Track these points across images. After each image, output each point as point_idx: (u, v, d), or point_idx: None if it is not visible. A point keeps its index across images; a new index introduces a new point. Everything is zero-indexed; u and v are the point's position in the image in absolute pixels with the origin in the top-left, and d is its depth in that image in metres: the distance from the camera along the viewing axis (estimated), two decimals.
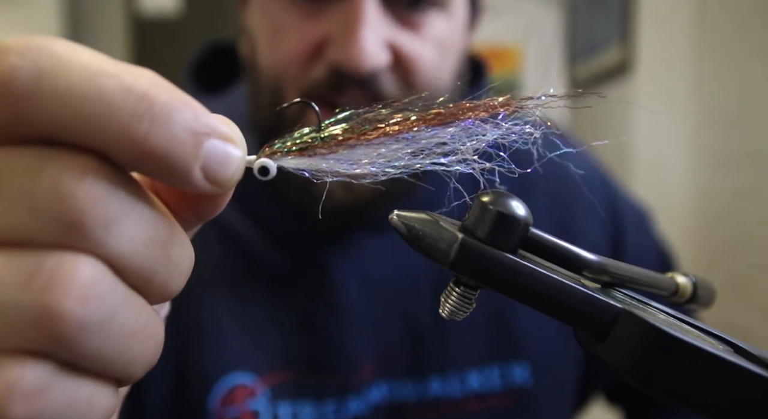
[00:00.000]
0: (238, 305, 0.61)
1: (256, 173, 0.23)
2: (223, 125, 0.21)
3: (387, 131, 0.24)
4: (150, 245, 0.20)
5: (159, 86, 0.19)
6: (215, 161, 0.20)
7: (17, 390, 0.18)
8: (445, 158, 0.24)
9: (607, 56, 2.25)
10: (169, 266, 0.21)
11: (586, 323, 0.23)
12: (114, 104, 0.18)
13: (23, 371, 0.18)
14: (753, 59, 1.64)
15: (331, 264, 0.62)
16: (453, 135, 0.24)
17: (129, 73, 0.19)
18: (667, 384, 0.22)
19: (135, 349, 0.20)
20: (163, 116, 0.19)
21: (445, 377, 0.62)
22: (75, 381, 0.19)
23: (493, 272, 0.23)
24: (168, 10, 2.37)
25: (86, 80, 0.18)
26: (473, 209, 0.23)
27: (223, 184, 0.21)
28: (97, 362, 0.19)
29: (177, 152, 0.19)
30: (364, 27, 0.51)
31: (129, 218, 0.19)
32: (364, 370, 0.61)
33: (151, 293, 0.21)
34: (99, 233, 0.19)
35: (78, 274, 0.18)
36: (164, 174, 0.20)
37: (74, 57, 0.19)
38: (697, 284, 0.30)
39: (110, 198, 0.19)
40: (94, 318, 0.19)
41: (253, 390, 0.59)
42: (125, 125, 0.18)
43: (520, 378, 0.63)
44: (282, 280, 0.62)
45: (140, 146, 0.19)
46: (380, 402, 0.61)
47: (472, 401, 0.62)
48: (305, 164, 0.24)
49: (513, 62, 2.77)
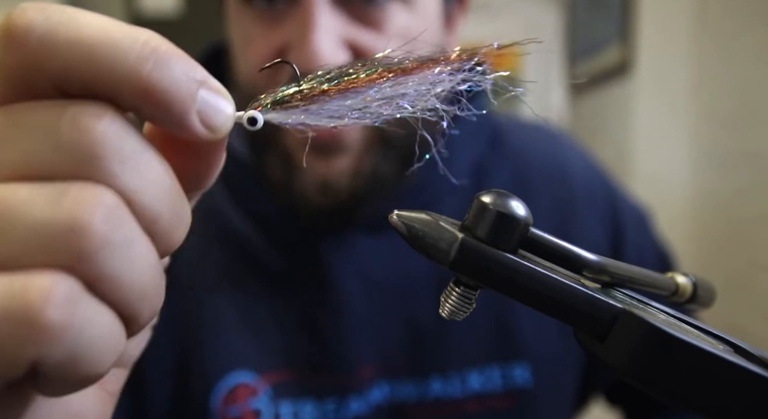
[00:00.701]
0: (239, 304, 0.62)
1: (245, 123, 0.25)
2: (214, 81, 0.23)
3: (358, 82, 0.26)
4: (158, 187, 0.22)
5: (160, 38, 0.22)
6: (209, 107, 0.22)
7: (53, 295, 0.19)
8: (409, 105, 0.26)
9: (607, 56, 2.25)
10: (172, 213, 0.22)
11: (586, 323, 0.23)
12: (121, 48, 0.21)
13: (57, 280, 0.20)
14: (753, 59, 1.64)
15: (331, 264, 0.62)
16: (415, 85, 0.26)
17: (135, 28, 0.22)
18: (667, 384, 0.22)
19: (146, 283, 0.21)
20: (165, 60, 0.21)
21: (445, 377, 0.62)
22: (96, 303, 0.21)
23: (493, 272, 0.23)
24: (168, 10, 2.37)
25: (96, 30, 0.21)
26: (473, 208, 0.23)
27: (217, 129, 0.23)
28: (115, 286, 0.21)
29: (177, 93, 0.21)
30: (317, 30, 0.52)
31: (141, 159, 0.21)
32: (365, 370, 0.61)
33: (156, 236, 0.22)
34: (116, 167, 0.21)
35: (100, 197, 0.20)
36: (165, 114, 0.22)
37: (87, 15, 0.21)
38: (697, 284, 0.30)
39: (125, 138, 0.21)
40: (115, 238, 0.20)
41: (255, 389, 0.59)
42: (131, 65, 0.21)
43: (521, 378, 0.63)
44: (282, 279, 0.63)
45: (145, 85, 0.21)
46: (381, 402, 0.62)
47: (473, 401, 0.62)
48: (288, 117, 0.26)
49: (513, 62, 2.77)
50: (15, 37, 0.21)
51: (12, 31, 0.21)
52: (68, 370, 0.20)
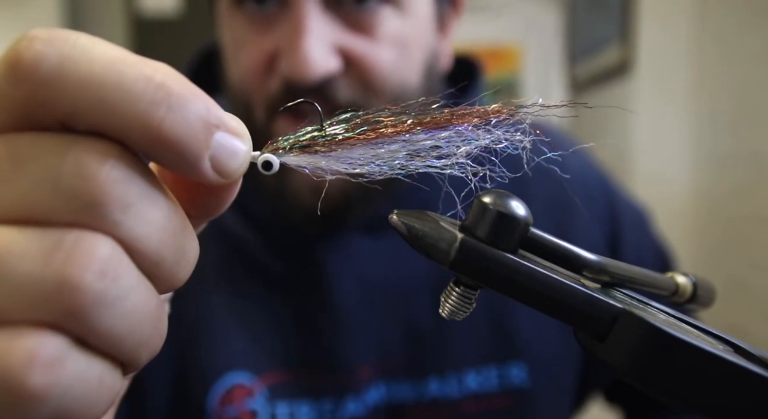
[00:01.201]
0: (235, 305, 0.61)
1: (260, 167, 0.24)
2: (232, 120, 0.22)
3: (384, 132, 0.25)
4: (163, 231, 0.21)
5: (176, 78, 0.20)
6: (224, 152, 0.21)
7: (36, 359, 0.19)
8: (438, 160, 0.25)
9: (607, 56, 2.25)
10: (177, 255, 0.22)
11: (586, 323, 0.23)
12: (133, 91, 0.19)
13: (42, 341, 0.19)
14: (753, 59, 1.64)
15: (328, 265, 0.62)
16: (447, 139, 0.25)
17: (148, 65, 0.20)
18: (667, 384, 0.22)
19: (143, 331, 0.21)
20: (179, 104, 0.20)
21: (443, 377, 0.62)
22: (87, 357, 0.20)
23: (493, 272, 0.23)
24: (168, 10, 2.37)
25: (107, 68, 0.19)
26: (473, 208, 0.23)
27: (230, 175, 0.22)
28: (108, 340, 0.20)
29: (190, 139, 0.20)
30: (307, 36, 0.52)
31: (145, 204, 0.20)
32: (362, 371, 0.61)
33: (159, 279, 0.21)
34: (117, 214, 0.20)
35: (97, 250, 0.19)
36: (176, 161, 0.21)
37: (97, 47, 0.20)
38: (697, 284, 0.30)
39: (129, 182, 0.20)
40: (110, 294, 0.19)
41: (251, 390, 0.59)
42: (143, 111, 0.19)
43: (518, 378, 0.63)
44: (279, 280, 0.62)
45: (156, 132, 0.20)
46: (378, 403, 0.61)
47: (470, 401, 0.62)
48: (306, 161, 0.25)
49: (513, 62, 2.77)
50: (21, 70, 0.19)
51: (18, 63, 0.19)
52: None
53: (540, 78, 2.77)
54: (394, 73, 0.56)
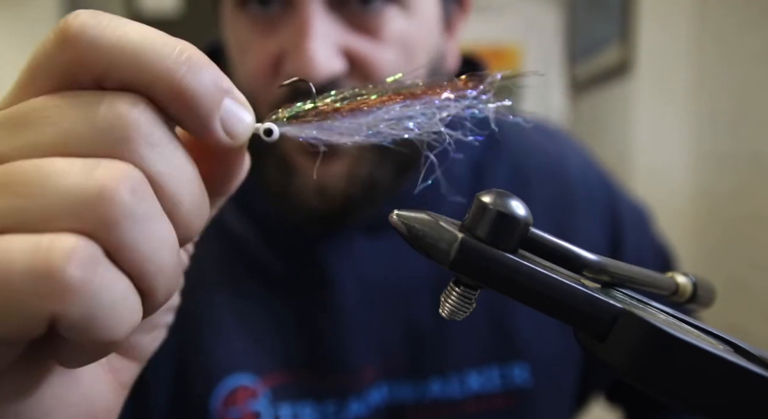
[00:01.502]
0: (237, 305, 0.61)
1: (262, 134, 0.27)
2: (238, 92, 0.25)
3: (369, 102, 0.28)
4: (182, 174, 0.24)
5: (196, 49, 0.24)
6: (232, 115, 0.25)
7: (75, 255, 0.21)
8: (416, 128, 0.28)
9: (607, 56, 2.25)
10: (193, 201, 0.24)
11: (586, 323, 0.23)
12: (161, 53, 0.23)
13: (80, 242, 0.21)
14: (753, 59, 1.64)
15: (330, 265, 0.62)
16: (423, 108, 0.28)
17: (173, 38, 0.24)
18: (667, 384, 0.22)
19: (165, 259, 0.23)
20: (197, 66, 0.23)
21: (445, 378, 0.62)
22: (115, 270, 0.22)
23: (493, 272, 0.23)
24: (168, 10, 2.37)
25: (140, 34, 0.23)
26: (473, 208, 0.23)
27: (237, 136, 0.25)
28: (134, 256, 0.22)
29: (204, 97, 0.24)
30: (312, 37, 0.51)
31: (168, 146, 0.23)
32: (365, 371, 0.61)
33: (177, 221, 0.24)
34: (145, 150, 0.23)
35: (129, 172, 0.22)
36: (192, 116, 0.24)
37: (133, 23, 0.24)
38: (697, 284, 0.30)
39: (155, 125, 0.23)
40: (139, 210, 0.22)
41: (255, 391, 0.59)
42: (167, 67, 0.23)
43: (520, 378, 0.63)
44: (281, 281, 0.62)
45: (177, 85, 0.23)
46: (380, 404, 0.61)
47: (472, 402, 0.62)
48: (301, 131, 0.28)
49: (513, 62, 2.78)
50: (68, 35, 0.23)
51: (66, 30, 0.23)
52: (85, 330, 0.21)
53: (540, 78, 2.76)
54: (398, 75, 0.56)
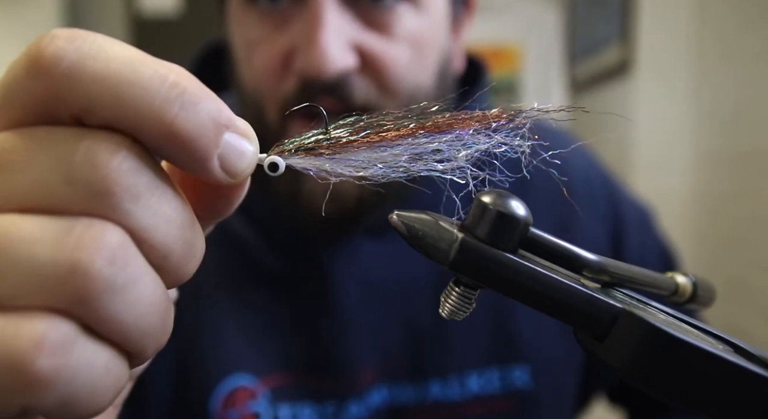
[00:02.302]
0: (237, 307, 0.61)
1: (266, 168, 0.25)
2: (241, 122, 0.23)
3: (387, 136, 0.25)
4: (171, 224, 0.22)
5: (190, 78, 0.21)
6: (232, 152, 0.22)
7: (44, 343, 0.19)
8: (439, 164, 0.25)
9: (607, 56, 2.25)
10: (185, 248, 0.22)
11: (586, 323, 0.23)
12: (148, 88, 0.20)
13: (51, 326, 0.19)
14: (753, 59, 1.64)
15: (330, 267, 0.61)
16: (448, 143, 0.25)
17: (163, 65, 0.21)
18: (667, 384, 0.22)
19: (150, 322, 0.21)
20: (191, 103, 0.21)
21: (445, 380, 0.62)
22: (95, 344, 0.20)
23: (493, 272, 0.23)
24: (168, 10, 2.37)
25: (124, 65, 0.20)
26: (473, 208, 0.23)
27: (237, 175, 0.23)
28: (115, 327, 0.20)
29: (200, 137, 0.21)
30: (324, 31, 0.51)
31: (154, 196, 0.21)
32: (365, 374, 0.61)
33: (167, 272, 0.22)
34: (127, 204, 0.20)
35: (106, 237, 0.20)
36: (186, 158, 0.21)
37: (115, 46, 0.21)
38: (697, 284, 0.30)
39: (139, 174, 0.21)
40: (118, 280, 0.20)
41: (254, 392, 0.59)
42: (157, 107, 0.20)
43: (520, 380, 0.63)
44: (281, 282, 0.62)
45: (168, 128, 0.20)
46: (380, 406, 0.61)
47: (472, 404, 0.62)
48: (311, 163, 0.25)
49: (513, 62, 2.77)
50: (41, 65, 0.20)
51: (39, 58, 0.20)
52: (64, 412, 0.20)
53: (540, 78, 2.77)
54: (410, 73, 0.56)
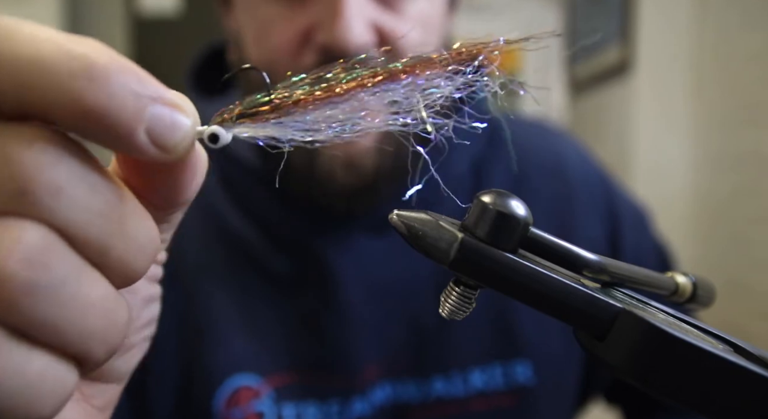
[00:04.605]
0: (241, 306, 0.61)
1: (206, 140, 0.23)
2: (171, 94, 0.21)
3: (337, 90, 0.23)
4: (103, 216, 0.20)
5: (100, 51, 0.19)
6: (161, 125, 0.20)
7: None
8: (401, 116, 0.23)
9: (607, 56, 2.25)
10: (126, 241, 0.21)
11: (586, 322, 0.23)
12: (51, 65, 0.18)
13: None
14: (753, 59, 1.64)
15: (334, 265, 0.62)
16: (404, 92, 0.23)
17: (70, 40, 0.19)
18: (667, 384, 0.22)
19: (90, 323, 0.20)
20: (102, 76, 0.19)
21: (448, 376, 0.62)
22: (26, 349, 0.19)
23: (493, 272, 0.23)
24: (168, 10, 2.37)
25: (25, 45, 0.19)
26: (473, 208, 0.23)
27: (170, 149, 0.21)
28: (48, 330, 0.19)
29: (118, 111, 0.19)
30: (349, 6, 0.53)
31: (79, 187, 0.19)
32: (368, 371, 0.61)
33: (109, 268, 0.21)
34: (46, 200, 0.19)
35: (23, 238, 0.18)
36: (108, 136, 0.19)
37: (17, 26, 0.19)
38: (697, 284, 0.30)
39: (59, 165, 0.19)
40: (41, 282, 0.19)
41: (258, 392, 0.59)
42: (62, 84, 0.18)
43: (523, 376, 0.63)
44: (285, 281, 0.62)
45: (79, 106, 0.19)
46: (384, 403, 0.61)
47: (476, 400, 0.62)
48: (257, 132, 0.23)
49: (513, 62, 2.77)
50: None
51: None
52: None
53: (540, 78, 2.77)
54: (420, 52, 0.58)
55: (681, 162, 1.96)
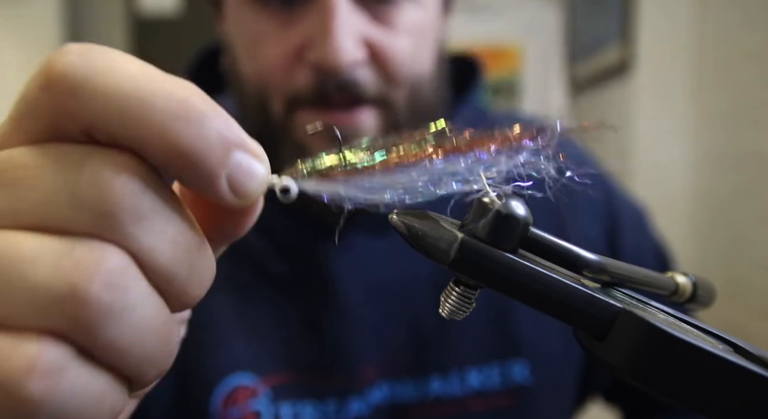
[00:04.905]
0: (239, 306, 0.61)
1: (278, 192, 0.24)
2: (252, 142, 0.22)
3: (405, 159, 0.24)
4: (176, 246, 0.21)
5: (198, 94, 0.21)
6: (241, 173, 0.21)
7: (36, 366, 0.19)
8: (458, 184, 0.25)
9: (607, 56, 2.25)
10: (191, 272, 0.22)
11: (586, 322, 0.23)
12: (154, 105, 0.20)
13: (44, 349, 0.19)
14: (752, 59, 1.64)
15: (332, 265, 0.62)
16: (467, 165, 0.25)
17: (172, 81, 0.21)
18: (667, 384, 0.22)
19: (150, 347, 0.21)
20: (199, 119, 0.20)
21: (445, 376, 0.62)
22: (90, 369, 0.20)
23: (493, 272, 0.23)
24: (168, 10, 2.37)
25: (131, 81, 0.20)
26: (473, 208, 0.23)
27: (246, 196, 0.22)
28: (113, 352, 0.20)
29: (207, 155, 0.20)
30: (338, 26, 0.53)
31: (159, 217, 0.21)
32: (366, 371, 0.61)
33: (171, 295, 0.22)
34: (129, 226, 0.20)
35: (106, 261, 0.19)
36: (193, 177, 0.21)
37: (125, 61, 0.21)
38: (697, 284, 0.30)
39: (144, 195, 0.20)
40: (116, 305, 0.19)
41: (255, 391, 0.59)
42: (162, 123, 0.20)
43: (520, 376, 0.63)
44: (283, 281, 0.62)
45: (173, 145, 0.20)
46: (382, 403, 0.61)
47: (473, 400, 0.62)
48: (325, 188, 0.24)
49: (513, 62, 2.77)
50: (52, 78, 0.20)
51: (49, 72, 0.20)
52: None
53: (540, 78, 2.76)
54: (413, 63, 0.59)
55: (681, 162, 1.96)
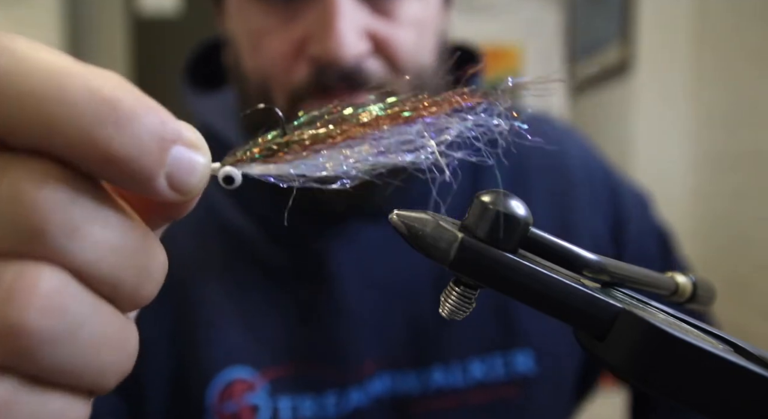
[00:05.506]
0: (236, 299, 0.61)
1: (221, 181, 0.23)
2: (189, 132, 0.20)
3: (351, 133, 0.23)
4: (117, 252, 0.19)
5: (125, 90, 0.18)
6: (181, 169, 0.19)
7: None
8: (411, 154, 0.24)
9: (607, 56, 2.25)
10: (139, 274, 0.20)
11: (586, 322, 0.23)
12: (76, 107, 0.17)
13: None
14: (752, 59, 1.64)
15: (330, 256, 0.61)
16: (417, 132, 0.24)
17: (93, 75, 0.18)
18: (667, 383, 0.22)
19: (106, 359, 0.20)
20: (128, 120, 0.18)
21: (447, 367, 0.62)
22: (42, 395, 0.19)
23: (493, 272, 0.23)
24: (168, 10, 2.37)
25: (48, 80, 0.17)
26: (473, 208, 0.23)
27: (188, 192, 0.20)
28: (65, 374, 0.19)
29: (142, 158, 0.18)
30: (340, 18, 0.53)
31: (94, 226, 0.19)
32: (366, 362, 0.61)
33: (121, 300, 0.20)
34: (61, 241, 0.18)
35: (40, 284, 0.18)
36: (128, 181, 0.19)
37: (36, 56, 0.18)
38: (697, 284, 0.30)
39: (73, 205, 0.18)
40: (59, 329, 0.18)
41: (252, 384, 0.59)
42: (87, 129, 0.17)
43: (524, 366, 0.63)
44: (282, 273, 0.62)
45: (103, 152, 0.18)
46: (382, 394, 0.61)
47: (476, 390, 0.62)
48: (270, 170, 0.23)
49: (513, 62, 2.77)
50: None
51: None
52: None
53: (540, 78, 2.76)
54: (416, 54, 0.59)
55: (680, 162, 1.96)
